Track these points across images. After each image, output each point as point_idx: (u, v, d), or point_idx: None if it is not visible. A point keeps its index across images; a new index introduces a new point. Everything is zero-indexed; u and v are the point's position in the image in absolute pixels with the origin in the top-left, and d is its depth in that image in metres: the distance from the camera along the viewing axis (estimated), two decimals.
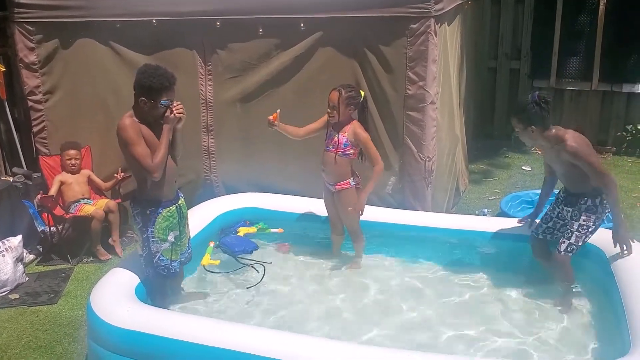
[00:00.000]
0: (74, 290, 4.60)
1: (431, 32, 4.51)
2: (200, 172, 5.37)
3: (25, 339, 4.00)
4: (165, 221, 3.57)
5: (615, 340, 3.30)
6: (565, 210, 3.89)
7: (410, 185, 4.89)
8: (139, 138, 3.39)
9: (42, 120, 5.52)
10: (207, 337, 3.13)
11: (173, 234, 3.62)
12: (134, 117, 3.43)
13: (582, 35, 7.33)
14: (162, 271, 3.64)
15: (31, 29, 5.30)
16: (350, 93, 4.11)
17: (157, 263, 3.61)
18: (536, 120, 3.66)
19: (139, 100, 3.42)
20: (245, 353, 3.03)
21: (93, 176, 5.39)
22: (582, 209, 3.77)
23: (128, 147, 3.40)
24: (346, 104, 4.08)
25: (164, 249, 3.60)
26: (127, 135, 3.37)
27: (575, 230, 3.77)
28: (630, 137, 7.27)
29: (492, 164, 7.15)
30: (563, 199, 3.94)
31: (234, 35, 4.99)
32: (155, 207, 3.54)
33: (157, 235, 3.56)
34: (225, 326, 3.37)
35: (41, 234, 5.21)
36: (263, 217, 4.88)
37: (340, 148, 4.14)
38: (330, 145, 4.20)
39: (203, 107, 5.20)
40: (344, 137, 4.14)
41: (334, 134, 4.18)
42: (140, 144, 3.39)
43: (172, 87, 3.43)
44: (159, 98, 3.38)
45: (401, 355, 3.02)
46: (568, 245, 3.78)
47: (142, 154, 3.39)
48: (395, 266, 4.45)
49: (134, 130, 3.39)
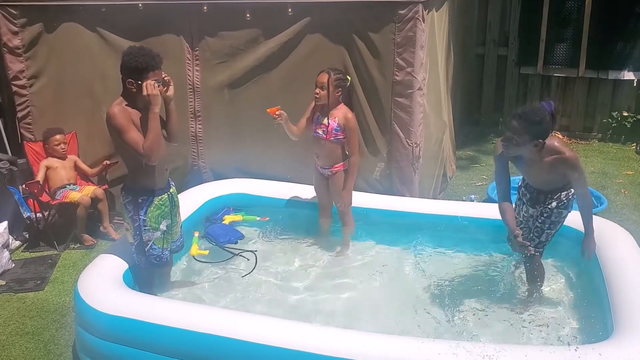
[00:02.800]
0: (60, 277, 4.59)
1: (419, 18, 4.50)
2: (188, 158, 5.35)
3: (12, 326, 3.99)
4: (157, 209, 3.55)
5: (598, 323, 3.36)
6: (532, 210, 3.76)
7: (398, 171, 4.90)
8: (129, 124, 3.33)
9: (27, 105, 5.46)
10: (195, 323, 3.14)
11: (165, 222, 3.61)
12: (123, 104, 3.38)
13: (569, 22, 7.37)
14: (154, 260, 3.62)
15: (15, 13, 5.22)
16: (339, 75, 4.15)
17: (148, 252, 3.59)
18: (545, 134, 3.36)
19: (126, 83, 3.36)
20: (234, 339, 3.05)
21: (79, 162, 5.35)
22: (553, 205, 3.62)
23: (121, 135, 3.33)
24: (335, 86, 4.10)
25: (156, 237, 3.58)
26: (117, 122, 3.31)
27: (547, 228, 3.67)
28: (615, 123, 7.34)
29: (480, 150, 7.19)
30: (528, 200, 3.75)
31: (221, 20, 4.95)
32: (147, 195, 3.51)
33: (149, 224, 3.53)
34: (213, 312, 3.39)
35: (27, 221, 5.17)
36: (251, 203, 4.88)
37: (332, 133, 4.16)
38: (320, 131, 4.20)
39: (190, 93, 5.17)
40: (335, 122, 4.14)
41: (322, 118, 4.18)
42: (132, 129, 3.33)
43: (158, 66, 3.37)
44: (141, 78, 3.32)
45: (389, 340, 3.05)
46: (538, 242, 3.69)
47: (135, 139, 3.33)
48: (383, 252, 4.47)
49: (124, 117, 3.32)
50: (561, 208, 3.65)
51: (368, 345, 2.96)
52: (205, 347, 3.09)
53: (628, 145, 7.26)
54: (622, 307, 3.19)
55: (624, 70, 7.21)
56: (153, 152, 3.35)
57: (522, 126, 3.32)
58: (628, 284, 3.37)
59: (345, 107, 4.19)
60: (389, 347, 2.94)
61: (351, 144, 4.21)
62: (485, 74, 7.81)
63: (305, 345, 2.99)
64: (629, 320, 3.06)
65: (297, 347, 2.98)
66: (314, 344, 3.00)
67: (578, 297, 3.85)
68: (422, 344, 2.93)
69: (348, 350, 2.94)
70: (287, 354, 2.98)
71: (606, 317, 3.24)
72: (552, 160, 3.45)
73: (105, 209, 5.17)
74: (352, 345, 2.98)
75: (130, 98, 3.40)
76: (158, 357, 3.16)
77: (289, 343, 3.01)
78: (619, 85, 7.32)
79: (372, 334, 3.13)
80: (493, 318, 3.69)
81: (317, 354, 2.94)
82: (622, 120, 7.29)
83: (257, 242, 4.64)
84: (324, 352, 2.94)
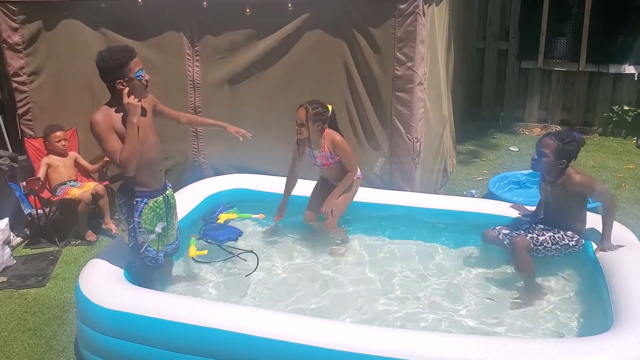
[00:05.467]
0: (62, 273, 4.59)
1: (419, 12, 4.49)
2: (189, 154, 5.35)
3: (14, 322, 3.99)
4: (152, 212, 3.48)
5: (598, 316, 3.36)
6: (539, 226, 3.94)
7: (399, 166, 4.91)
8: (109, 133, 3.25)
9: (27, 102, 5.46)
10: (197, 317, 3.14)
11: (161, 224, 3.54)
12: (105, 110, 3.28)
13: (569, 17, 7.35)
14: (149, 262, 3.57)
15: (14, 9, 5.22)
16: (317, 109, 4.11)
17: (143, 254, 3.53)
18: (569, 158, 3.72)
19: (116, 86, 3.25)
20: (236, 333, 3.05)
21: (80, 158, 5.36)
22: (562, 231, 3.83)
23: (100, 144, 3.28)
24: (314, 121, 4.10)
25: (151, 239, 3.52)
26: (96, 131, 3.24)
27: (549, 237, 3.81)
28: (616, 117, 7.32)
29: (480, 144, 7.18)
30: (541, 221, 4.00)
31: (221, 16, 4.94)
32: (141, 197, 3.44)
33: (144, 226, 3.47)
34: (215, 306, 3.39)
35: (28, 217, 5.18)
36: (251, 198, 4.88)
37: (329, 161, 4.22)
38: (319, 162, 4.27)
39: (191, 88, 5.17)
40: (326, 152, 4.19)
41: (315, 152, 4.23)
42: (110, 139, 3.25)
43: (132, 57, 3.25)
44: (127, 73, 3.22)
45: (394, 334, 3.06)
46: (535, 240, 3.79)
47: (112, 149, 3.25)
48: (383, 247, 4.47)
49: (104, 126, 3.23)
50: (569, 238, 3.82)
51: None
52: (207, 341, 3.09)
53: (629, 139, 7.25)
54: (622, 299, 3.19)
55: (624, 64, 7.19)
56: (129, 163, 3.25)
57: (555, 143, 3.70)
58: (628, 277, 3.38)
59: (330, 132, 4.20)
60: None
61: (346, 163, 4.24)
62: (486, 68, 7.80)
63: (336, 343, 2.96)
64: (629, 313, 3.06)
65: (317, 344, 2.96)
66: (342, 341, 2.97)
67: (578, 289, 3.85)
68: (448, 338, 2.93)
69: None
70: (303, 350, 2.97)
71: (606, 309, 3.24)
72: (562, 182, 3.74)
73: (106, 205, 5.17)
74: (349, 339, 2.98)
75: (118, 99, 3.28)
76: (160, 351, 3.17)
77: (295, 336, 3.02)
78: (619, 79, 7.30)
79: (380, 328, 3.13)
80: (494, 311, 3.69)
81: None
82: (623, 114, 7.28)
83: (257, 239, 4.63)
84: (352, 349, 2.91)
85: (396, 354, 2.85)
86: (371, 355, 2.86)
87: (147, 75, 3.34)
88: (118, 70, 3.23)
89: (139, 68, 3.28)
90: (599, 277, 3.56)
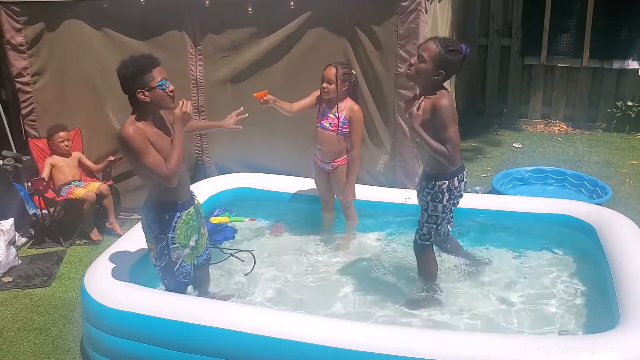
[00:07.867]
0: (67, 273, 4.61)
1: (422, 9, 4.49)
2: (192, 153, 5.35)
3: (20, 322, 4.01)
4: (185, 225, 3.29)
5: (604, 313, 3.35)
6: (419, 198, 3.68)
7: (402, 164, 4.90)
8: (147, 146, 3.03)
9: (31, 102, 5.47)
10: (202, 316, 3.15)
11: (194, 237, 3.37)
12: (136, 123, 3.07)
13: (572, 12, 7.33)
14: (184, 278, 3.38)
15: (17, 10, 5.22)
16: (346, 70, 4.15)
17: (178, 271, 3.33)
18: (447, 70, 3.30)
19: (137, 96, 3.05)
20: (242, 332, 3.05)
21: (84, 158, 5.37)
22: (428, 197, 3.53)
23: (138, 159, 3.04)
24: (342, 80, 4.10)
25: (185, 254, 3.34)
26: (134, 145, 3.01)
27: (425, 221, 3.62)
28: (620, 113, 7.31)
29: (484, 141, 7.18)
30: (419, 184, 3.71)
31: (224, 14, 4.94)
32: (173, 211, 3.24)
33: (178, 241, 3.27)
34: (220, 306, 3.40)
35: (33, 217, 5.19)
36: (255, 197, 4.88)
37: (338, 126, 4.16)
38: (326, 123, 4.20)
39: (194, 87, 5.17)
40: (342, 115, 4.14)
41: (328, 111, 4.18)
42: (150, 152, 3.03)
43: (155, 64, 3.09)
44: (149, 82, 3.04)
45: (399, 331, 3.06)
46: (421, 235, 3.68)
47: (156, 162, 3.04)
48: (387, 245, 4.47)
49: (141, 139, 3.02)
50: (436, 202, 3.49)
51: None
52: (212, 341, 3.10)
53: (633, 135, 7.23)
54: (628, 296, 3.18)
55: (628, 59, 7.17)
56: (175, 175, 3.09)
57: (435, 49, 3.27)
58: (634, 274, 3.36)
59: (351, 101, 4.19)
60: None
61: (354, 137, 4.19)
62: (489, 65, 7.78)
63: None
64: (635, 310, 3.05)
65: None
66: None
67: (584, 287, 3.84)
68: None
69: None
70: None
71: (612, 306, 3.23)
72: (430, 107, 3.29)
73: (111, 204, 5.18)
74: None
75: (143, 112, 3.10)
76: (165, 351, 3.18)
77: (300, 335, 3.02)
78: (623, 75, 7.28)
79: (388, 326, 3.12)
80: (499, 307, 3.69)
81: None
82: (627, 109, 7.26)
83: (259, 237, 4.63)
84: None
85: (399, 352, 2.85)
86: (371, 354, 2.86)
87: (172, 86, 3.15)
88: (139, 77, 3.04)
89: (162, 77, 3.09)
90: (605, 273, 3.55)
